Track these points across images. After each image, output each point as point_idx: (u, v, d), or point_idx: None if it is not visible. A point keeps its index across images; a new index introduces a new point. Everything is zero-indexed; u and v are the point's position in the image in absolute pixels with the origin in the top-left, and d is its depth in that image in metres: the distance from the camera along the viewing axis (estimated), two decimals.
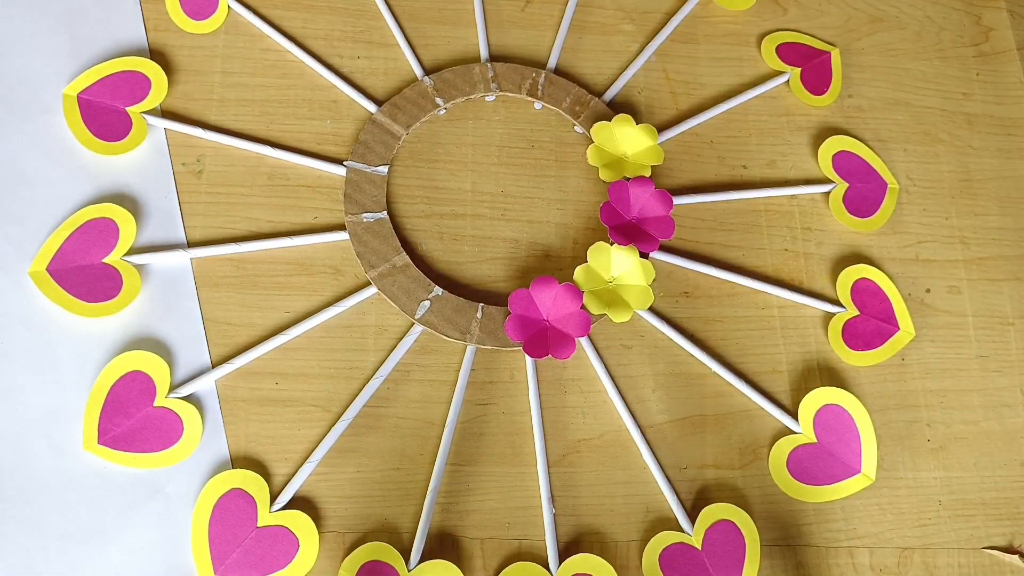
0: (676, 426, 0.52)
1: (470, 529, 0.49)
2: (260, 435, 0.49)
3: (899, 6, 0.65)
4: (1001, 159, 0.61)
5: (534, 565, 0.47)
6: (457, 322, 0.51)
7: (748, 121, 0.60)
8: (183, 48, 0.56)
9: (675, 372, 0.53)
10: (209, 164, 0.54)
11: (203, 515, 0.46)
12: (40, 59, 0.54)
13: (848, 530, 0.51)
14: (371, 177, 0.54)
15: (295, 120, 0.56)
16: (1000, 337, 0.57)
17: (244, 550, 0.45)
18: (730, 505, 0.50)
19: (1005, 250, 0.59)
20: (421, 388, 0.51)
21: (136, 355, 0.48)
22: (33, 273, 0.49)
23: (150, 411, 0.47)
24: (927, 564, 0.51)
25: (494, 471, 0.50)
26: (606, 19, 0.61)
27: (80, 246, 0.50)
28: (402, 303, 0.51)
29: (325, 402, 0.50)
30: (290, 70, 0.57)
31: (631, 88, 0.59)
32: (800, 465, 0.51)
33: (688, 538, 0.49)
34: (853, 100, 0.61)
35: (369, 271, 0.52)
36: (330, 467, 0.49)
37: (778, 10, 0.63)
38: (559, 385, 0.52)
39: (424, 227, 0.54)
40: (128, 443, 0.47)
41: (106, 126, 0.53)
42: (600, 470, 0.51)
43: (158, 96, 0.54)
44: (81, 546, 0.46)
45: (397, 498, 0.49)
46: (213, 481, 0.47)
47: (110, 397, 0.47)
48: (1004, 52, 0.64)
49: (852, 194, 0.58)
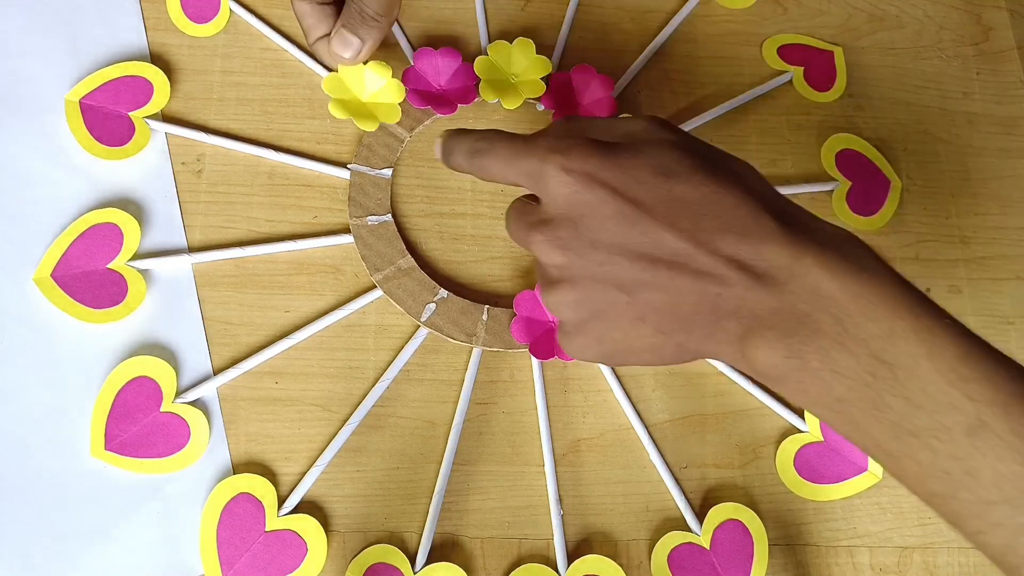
0: (676, 425, 0.52)
1: (471, 529, 0.49)
2: (261, 435, 0.49)
3: (899, 5, 0.65)
4: (1001, 158, 0.61)
5: (542, 567, 0.48)
6: (463, 324, 0.51)
7: (749, 120, 0.60)
8: (183, 48, 0.56)
9: (675, 371, 0.53)
10: (209, 163, 0.54)
11: (211, 520, 0.46)
12: (40, 60, 0.54)
13: (848, 529, 0.51)
14: (375, 180, 0.54)
15: (295, 119, 0.55)
16: (1000, 337, 0.57)
17: (252, 555, 0.45)
18: (739, 505, 0.50)
19: (1005, 249, 0.59)
20: (422, 388, 0.51)
21: (142, 360, 0.48)
22: (38, 279, 0.49)
23: (157, 416, 0.47)
24: (927, 564, 0.51)
25: (495, 470, 0.50)
26: (607, 18, 0.61)
27: (85, 252, 0.50)
28: (407, 306, 0.51)
29: (325, 401, 0.50)
30: (290, 69, 0.56)
31: (632, 87, 0.59)
32: (807, 464, 0.52)
33: (696, 538, 0.49)
34: (853, 99, 0.61)
35: (374, 274, 0.52)
36: (332, 467, 0.49)
37: (778, 9, 0.63)
38: (560, 384, 0.52)
39: (425, 227, 0.54)
40: (135, 449, 0.47)
41: (109, 131, 0.52)
42: (600, 469, 0.51)
43: (161, 100, 0.54)
44: (81, 546, 0.46)
45: (399, 498, 0.49)
46: (220, 486, 0.47)
47: (117, 403, 0.47)
48: (1004, 51, 0.64)
49: (855, 192, 0.58)
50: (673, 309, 0.35)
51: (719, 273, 0.34)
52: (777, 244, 0.34)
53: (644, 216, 0.35)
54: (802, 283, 0.33)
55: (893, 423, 0.31)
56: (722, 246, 0.34)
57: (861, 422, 0.32)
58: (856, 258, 0.33)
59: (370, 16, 0.48)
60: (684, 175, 0.35)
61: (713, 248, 0.34)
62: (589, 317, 0.37)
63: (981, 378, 0.30)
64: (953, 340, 0.31)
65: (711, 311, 0.35)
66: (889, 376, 0.31)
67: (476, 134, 0.42)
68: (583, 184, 0.36)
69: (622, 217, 0.35)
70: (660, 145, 0.37)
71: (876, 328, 0.31)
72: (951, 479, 0.30)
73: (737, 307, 0.34)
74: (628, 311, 0.36)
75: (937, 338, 0.31)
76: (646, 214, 0.35)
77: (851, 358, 0.32)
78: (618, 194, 0.35)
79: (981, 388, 0.30)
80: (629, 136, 0.38)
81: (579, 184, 0.36)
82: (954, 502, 0.30)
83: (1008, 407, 0.29)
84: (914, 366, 0.31)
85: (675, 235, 0.35)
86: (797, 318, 0.33)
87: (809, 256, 0.33)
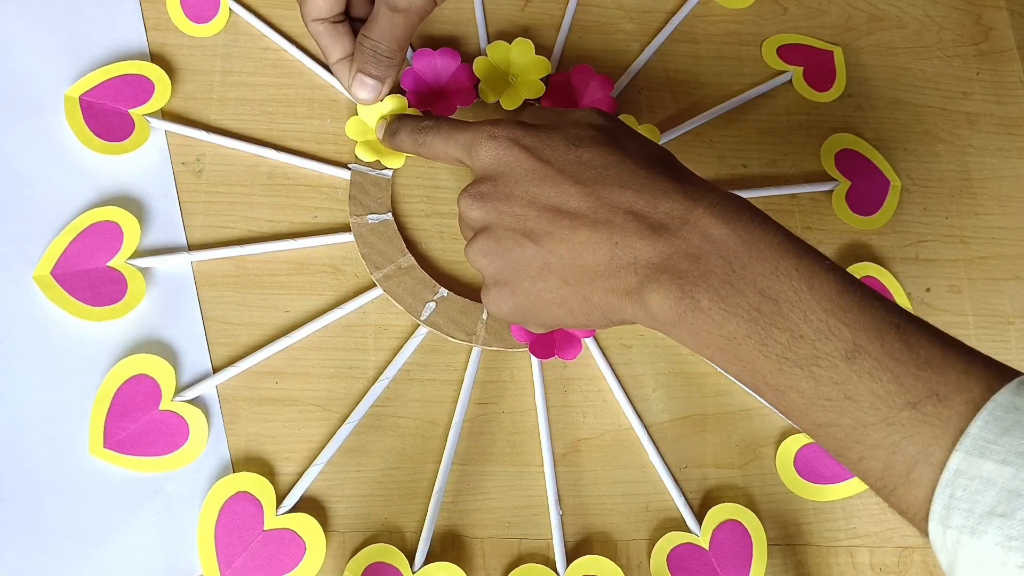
0: (676, 425, 0.52)
1: (470, 528, 0.49)
2: (260, 435, 0.49)
3: (899, 5, 0.65)
4: (1001, 158, 0.61)
5: (541, 567, 0.48)
6: (463, 323, 0.51)
7: (748, 120, 0.60)
8: (182, 47, 0.56)
9: (675, 371, 0.53)
10: (209, 163, 0.54)
11: (209, 519, 0.46)
12: (40, 59, 0.54)
13: (848, 529, 0.51)
14: (376, 180, 0.54)
15: (295, 119, 0.55)
16: (1000, 337, 0.57)
17: (250, 554, 0.45)
18: (738, 505, 0.50)
19: (1005, 249, 0.59)
20: (422, 388, 0.51)
21: (141, 358, 0.48)
22: (38, 277, 0.49)
23: (156, 414, 0.47)
24: (927, 564, 0.51)
25: (494, 470, 0.50)
26: (606, 18, 0.61)
27: (84, 250, 0.49)
28: (407, 304, 0.51)
29: (325, 401, 0.50)
30: (290, 69, 0.57)
31: (632, 87, 0.59)
32: (807, 464, 0.52)
33: (696, 538, 0.49)
34: (853, 99, 0.61)
35: (374, 272, 0.51)
36: (331, 467, 0.49)
37: (778, 9, 0.63)
38: (560, 384, 0.52)
39: (425, 227, 0.54)
40: (134, 447, 0.47)
41: (108, 127, 0.52)
42: (600, 469, 0.51)
43: (161, 99, 0.54)
44: (81, 546, 0.46)
45: (398, 498, 0.49)
46: (219, 484, 0.46)
47: (115, 401, 0.47)
48: (1004, 51, 0.64)
49: (855, 192, 0.58)
50: (575, 258, 0.39)
51: (617, 223, 0.37)
52: (672, 200, 0.37)
53: (554, 173, 0.39)
54: (694, 229, 0.36)
55: (778, 356, 0.33)
56: (621, 200, 0.38)
57: (749, 359, 0.34)
58: (745, 211, 0.36)
59: (384, 56, 0.49)
60: (593, 146, 0.40)
61: (612, 202, 0.38)
62: (503, 266, 0.41)
63: (856, 308, 0.33)
64: (831, 276, 0.34)
65: (610, 261, 0.38)
66: (774, 311, 0.34)
67: (423, 116, 0.49)
68: (504, 147, 0.41)
69: (534, 173, 0.40)
70: (581, 124, 0.42)
71: (762, 267, 0.34)
72: (832, 406, 0.32)
73: (634, 257, 0.37)
74: (536, 259, 0.40)
75: (816, 275, 0.34)
76: (556, 172, 0.39)
77: (739, 296, 0.34)
78: (534, 156, 0.40)
79: (856, 316, 0.33)
80: (561, 118, 0.43)
81: (501, 147, 0.41)
82: (836, 430, 0.33)
83: (881, 332, 0.32)
84: (796, 299, 0.33)
85: (579, 190, 0.39)
86: (689, 260, 0.36)
87: (701, 208, 0.36)
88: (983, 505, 0.28)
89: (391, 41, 0.49)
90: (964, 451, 0.29)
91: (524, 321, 0.43)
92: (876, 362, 0.32)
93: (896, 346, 0.32)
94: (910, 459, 0.31)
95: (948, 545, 0.30)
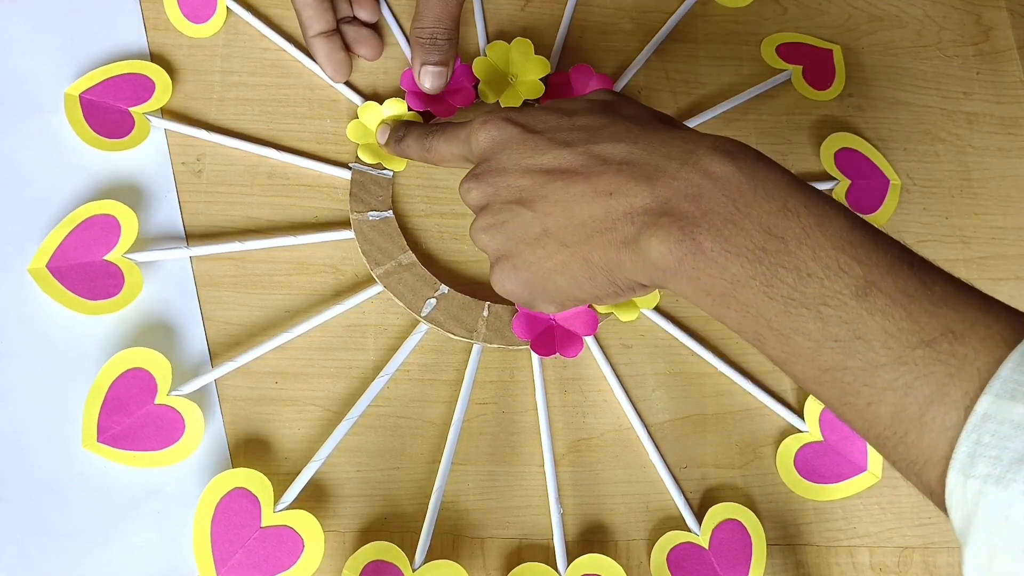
0: (676, 425, 0.52)
1: (470, 528, 0.49)
2: (260, 434, 0.49)
3: (899, 5, 0.65)
4: (1001, 158, 0.61)
5: (542, 566, 0.47)
6: (464, 320, 0.51)
7: (748, 120, 0.60)
8: (183, 47, 0.56)
9: (675, 371, 0.53)
10: (209, 163, 0.54)
11: (205, 515, 0.45)
12: (41, 59, 0.54)
13: (848, 529, 0.51)
14: (377, 179, 0.54)
15: (295, 119, 0.55)
16: None
17: (247, 551, 0.45)
18: (737, 504, 0.50)
19: (1005, 250, 0.59)
20: (421, 387, 0.51)
21: (137, 352, 0.48)
22: (33, 270, 0.48)
23: (151, 409, 0.47)
24: (927, 563, 0.51)
25: (494, 470, 0.50)
26: (606, 18, 0.61)
27: (81, 243, 0.49)
28: (408, 301, 0.51)
29: (325, 401, 0.50)
30: (290, 69, 0.57)
31: (631, 87, 0.59)
32: (808, 464, 0.52)
33: (695, 538, 0.49)
34: (853, 99, 0.61)
35: (375, 269, 0.51)
36: (331, 466, 0.48)
37: (778, 9, 0.63)
38: (560, 384, 0.52)
39: (425, 226, 0.54)
40: (128, 441, 0.46)
41: (108, 124, 0.52)
42: (600, 469, 0.51)
43: (161, 98, 0.54)
44: (81, 545, 0.45)
45: (398, 497, 0.49)
46: (215, 480, 0.46)
47: (110, 394, 0.47)
48: (1004, 51, 0.64)
49: (855, 191, 0.58)
50: (571, 217, 0.38)
51: (610, 174, 0.37)
52: (670, 145, 0.36)
53: (545, 141, 0.40)
54: (695, 168, 0.35)
55: (784, 297, 0.32)
56: (615, 153, 0.37)
57: (752, 303, 0.33)
58: (751, 150, 0.35)
59: (443, 40, 0.51)
60: (587, 114, 0.40)
61: (605, 156, 0.38)
62: (504, 239, 0.41)
63: (869, 244, 0.31)
64: (842, 214, 0.33)
65: (605, 214, 0.37)
66: (781, 249, 0.32)
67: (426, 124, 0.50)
68: (497, 125, 0.42)
69: (525, 144, 0.40)
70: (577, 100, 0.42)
71: (769, 205, 0.33)
72: (841, 347, 0.31)
73: (630, 205, 0.36)
74: (534, 225, 0.39)
75: (827, 213, 0.32)
76: (547, 140, 0.40)
77: (743, 235, 0.33)
78: (526, 129, 0.41)
79: (868, 253, 0.31)
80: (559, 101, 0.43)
81: (495, 127, 0.42)
82: (845, 373, 0.31)
83: (894, 268, 0.31)
84: (805, 236, 0.32)
85: (571, 151, 0.39)
86: (689, 201, 0.34)
87: (703, 148, 0.35)
88: (1013, 452, 0.26)
89: (447, 21, 0.50)
90: (993, 394, 0.27)
91: (531, 298, 0.42)
92: (889, 299, 0.30)
93: (910, 283, 0.30)
94: (924, 400, 0.29)
95: (968, 496, 0.27)
